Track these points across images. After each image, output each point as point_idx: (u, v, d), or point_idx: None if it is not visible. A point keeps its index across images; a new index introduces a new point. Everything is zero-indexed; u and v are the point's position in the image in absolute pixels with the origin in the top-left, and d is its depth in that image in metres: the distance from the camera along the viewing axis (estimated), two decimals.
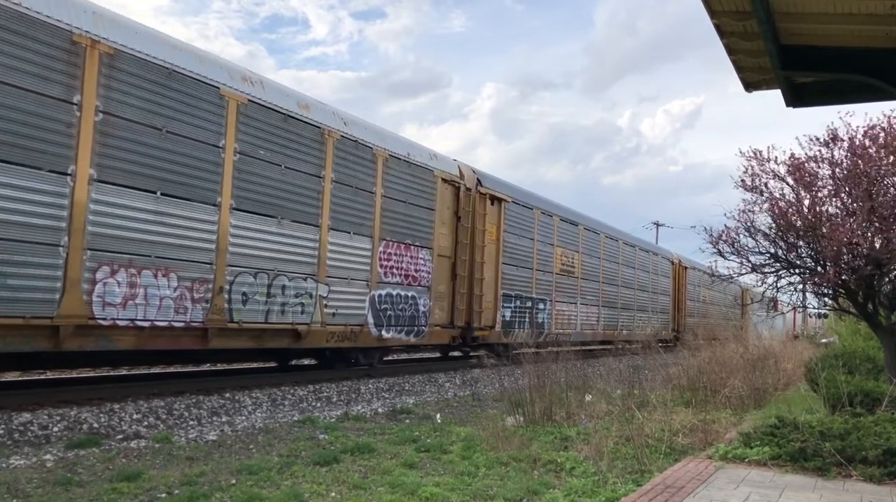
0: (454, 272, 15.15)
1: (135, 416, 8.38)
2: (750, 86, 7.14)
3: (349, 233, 11.97)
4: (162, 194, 8.82)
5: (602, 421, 8.43)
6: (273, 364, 13.60)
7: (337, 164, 11.66)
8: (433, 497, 5.36)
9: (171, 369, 12.64)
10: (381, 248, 12.78)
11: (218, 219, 9.53)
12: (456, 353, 17.96)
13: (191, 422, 8.75)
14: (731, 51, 6.28)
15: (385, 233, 12.89)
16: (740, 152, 9.88)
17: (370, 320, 12.50)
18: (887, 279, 9.29)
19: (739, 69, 6.79)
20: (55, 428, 7.57)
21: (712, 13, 5.53)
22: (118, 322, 8.32)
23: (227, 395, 9.88)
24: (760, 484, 5.65)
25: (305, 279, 11.01)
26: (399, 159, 13.34)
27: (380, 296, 12.73)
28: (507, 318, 17.01)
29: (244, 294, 9.92)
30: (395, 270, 13.18)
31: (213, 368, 12.80)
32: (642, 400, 9.19)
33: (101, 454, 6.80)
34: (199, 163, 9.27)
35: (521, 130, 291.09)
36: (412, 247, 13.71)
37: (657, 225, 57.38)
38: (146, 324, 8.63)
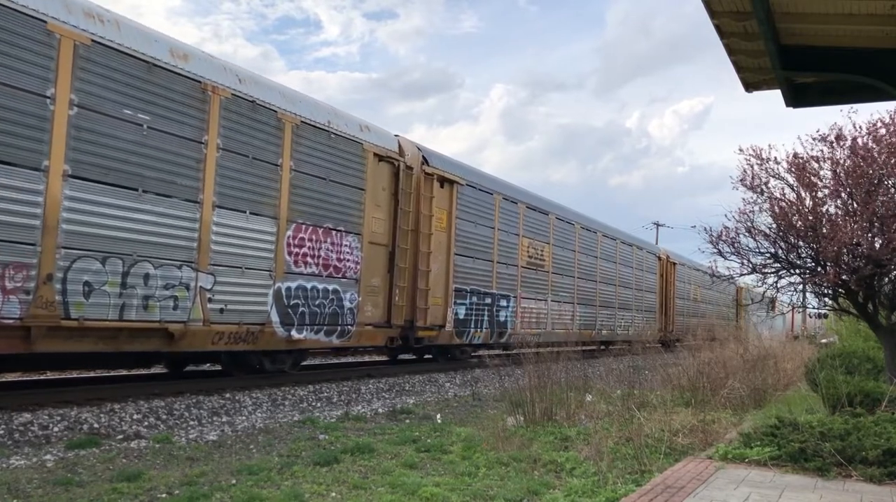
0: (392, 263, 13.17)
1: (135, 416, 8.39)
2: (750, 86, 7.15)
3: (244, 212, 10.00)
4: None
5: (602, 421, 8.44)
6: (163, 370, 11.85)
7: (226, 128, 9.66)
8: (433, 497, 5.36)
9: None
10: (289, 233, 10.75)
11: (45, 188, 7.60)
12: (408, 356, 16.46)
13: (191, 422, 8.76)
14: (731, 51, 6.29)
15: (296, 215, 10.87)
16: (740, 150, 9.89)
17: (275, 318, 10.51)
18: (887, 279, 9.31)
19: (739, 69, 6.80)
20: (55, 429, 7.58)
21: (712, 13, 5.53)
22: None
23: (228, 395, 9.88)
24: (760, 484, 5.65)
25: (180, 267, 9.08)
26: (315, 127, 11.26)
27: (288, 289, 10.76)
28: (461, 317, 15.22)
29: (87, 284, 7.99)
30: (309, 259, 11.16)
31: (214, 369, 12.70)
32: (642, 401, 9.19)
33: (101, 454, 6.80)
34: (12, 115, 7.35)
35: (531, 132, 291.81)
36: (334, 232, 11.67)
37: (657, 225, 57.54)
38: None
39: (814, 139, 9.30)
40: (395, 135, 13.83)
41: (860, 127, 9.04)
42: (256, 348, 10.54)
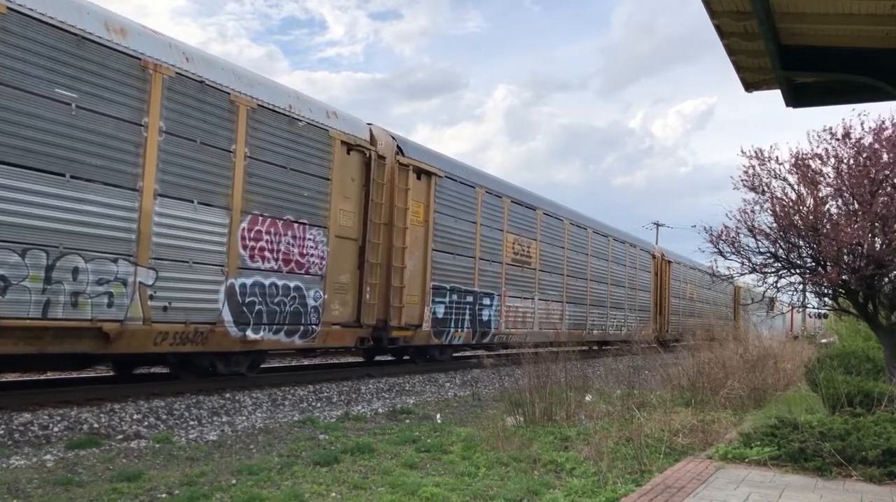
0: (363, 258, 12.36)
1: (135, 416, 8.39)
2: (750, 86, 7.16)
3: (191, 201, 9.18)
4: None
5: (602, 421, 8.44)
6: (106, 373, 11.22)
7: (169, 110, 8.85)
8: (433, 497, 5.36)
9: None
10: (244, 225, 9.94)
11: None
12: (388, 357, 15.86)
13: (191, 422, 8.76)
14: (731, 51, 6.31)
15: (251, 206, 10.05)
16: (742, 152, 9.92)
17: (227, 316, 9.67)
18: (887, 279, 9.31)
19: (740, 69, 6.81)
20: (55, 429, 7.58)
21: (713, 14, 5.55)
22: None
23: (228, 395, 9.88)
24: (760, 484, 5.65)
25: (115, 260, 8.26)
26: (274, 112, 10.45)
27: (243, 285, 9.93)
28: (440, 316, 14.45)
29: (2, 278, 7.21)
30: (267, 253, 10.37)
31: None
32: (642, 401, 9.20)
33: (101, 454, 6.80)
34: None
35: (534, 132, 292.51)
36: (295, 224, 10.86)
37: (657, 225, 57.60)
38: None
39: (819, 134, 9.30)
40: (368, 124, 13.07)
41: (869, 128, 9.05)
42: (207, 349, 9.67)
